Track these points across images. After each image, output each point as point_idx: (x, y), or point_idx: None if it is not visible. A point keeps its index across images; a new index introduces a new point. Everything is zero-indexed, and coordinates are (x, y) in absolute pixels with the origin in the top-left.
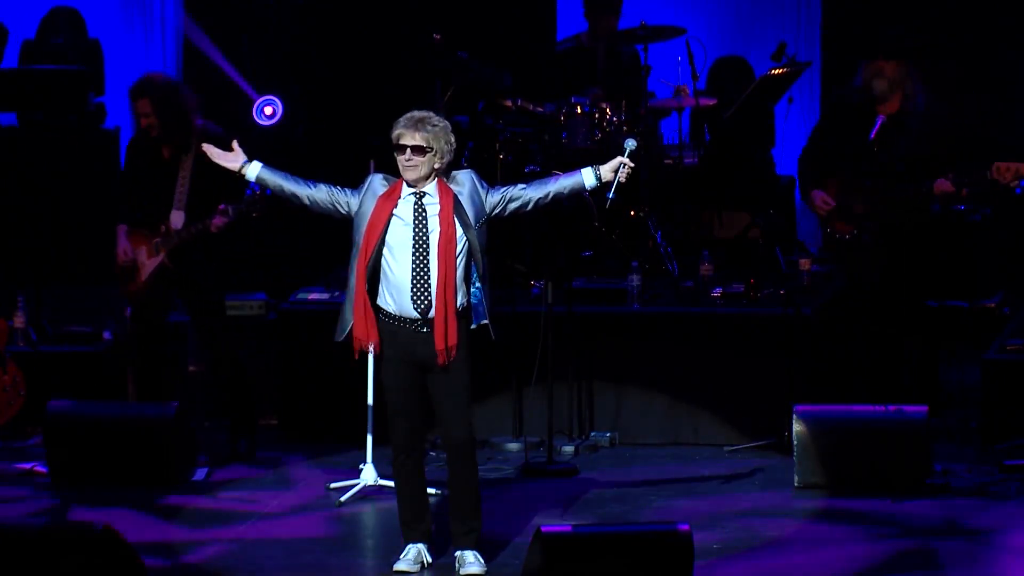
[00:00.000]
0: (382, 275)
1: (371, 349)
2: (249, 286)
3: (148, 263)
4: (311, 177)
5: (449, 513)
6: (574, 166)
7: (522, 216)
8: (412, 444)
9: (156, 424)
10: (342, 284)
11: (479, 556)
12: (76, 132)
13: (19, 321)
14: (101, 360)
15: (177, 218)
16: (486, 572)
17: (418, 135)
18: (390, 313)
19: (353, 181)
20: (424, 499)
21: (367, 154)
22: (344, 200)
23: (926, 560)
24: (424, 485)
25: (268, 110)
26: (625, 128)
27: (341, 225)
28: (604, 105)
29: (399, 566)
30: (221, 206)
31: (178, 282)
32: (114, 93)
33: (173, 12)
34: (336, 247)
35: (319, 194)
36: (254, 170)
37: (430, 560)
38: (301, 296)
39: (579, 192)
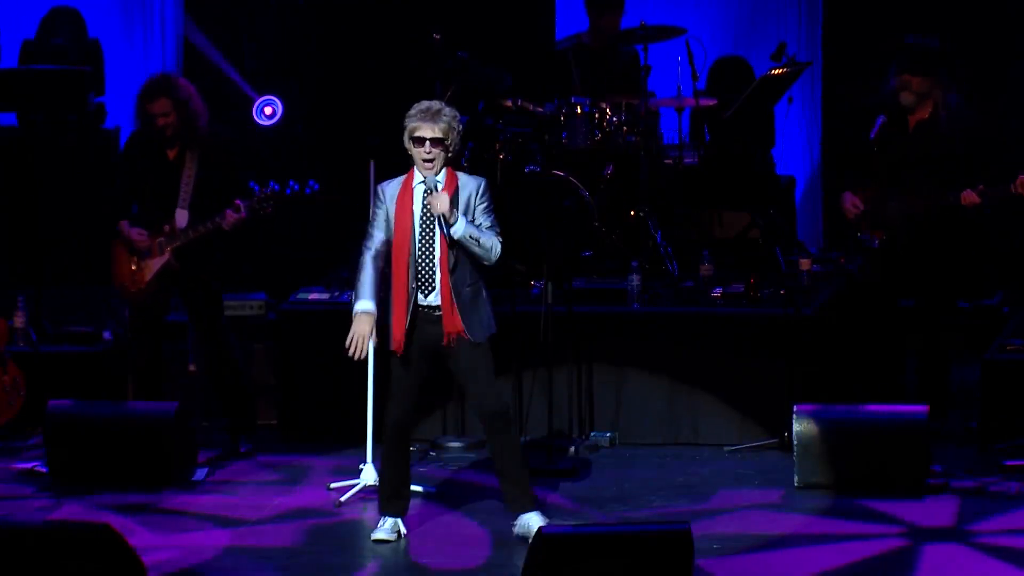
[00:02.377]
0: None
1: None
2: (249, 286)
3: (152, 263)
4: (310, 175)
5: (499, 485)
6: (574, 166)
7: (525, 217)
8: (404, 425)
9: (156, 424)
10: (342, 284)
11: (540, 515)
12: (76, 132)
13: (19, 321)
14: (101, 360)
15: (181, 217)
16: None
17: (436, 127)
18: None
19: (352, 181)
20: (406, 478)
21: (366, 154)
22: (386, 231)
23: (926, 560)
24: (407, 466)
25: (268, 110)
26: (625, 128)
27: (341, 225)
28: (604, 105)
29: (377, 535)
30: (237, 201)
31: (180, 281)
32: (114, 93)
33: (173, 12)
34: (336, 247)
35: (380, 254)
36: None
37: (405, 531)
38: (301, 296)
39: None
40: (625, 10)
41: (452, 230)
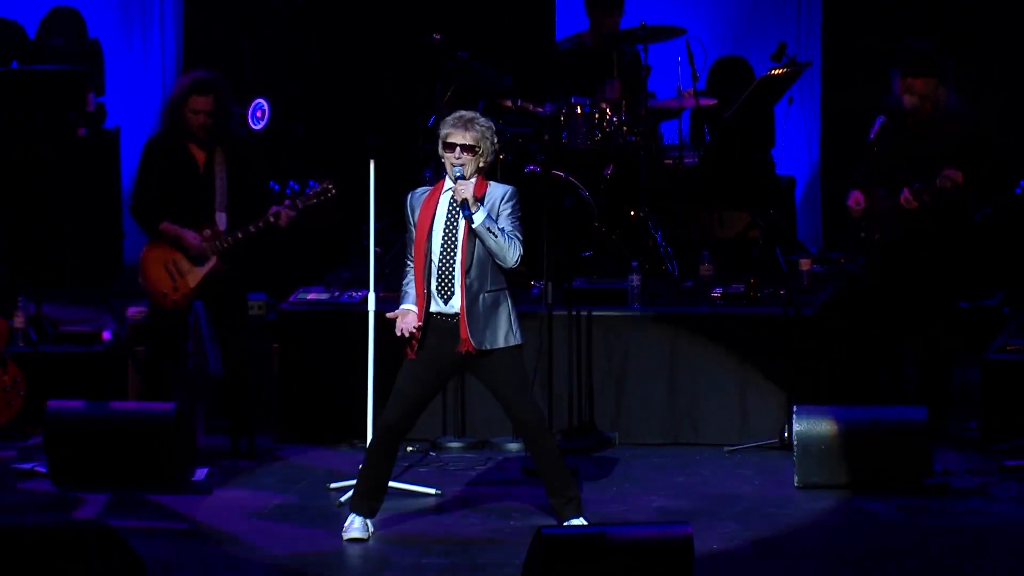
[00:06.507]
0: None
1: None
2: (249, 286)
3: (198, 269)
4: (309, 174)
5: (545, 492)
6: (574, 166)
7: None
8: (397, 428)
9: (156, 424)
10: (342, 284)
11: (585, 521)
12: (76, 132)
13: (19, 321)
14: (101, 360)
15: (221, 220)
16: None
17: (468, 134)
18: (432, 308)
19: (352, 181)
20: (384, 481)
21: (366, 154)
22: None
23: (926, 561)
24: (390, 470)
25: (259, 113)
26: (625, 128)
27: (340, 226)
28: (604, 105)
29: (352, 534)
30: (287, 201)
31: (215, 283)
32: (114, 93)
33: (173, 12)
34: (336, 247)
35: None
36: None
37: (373, 530)
38: (301, 296)
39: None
40: (625, 10)
41: (473, 216)
